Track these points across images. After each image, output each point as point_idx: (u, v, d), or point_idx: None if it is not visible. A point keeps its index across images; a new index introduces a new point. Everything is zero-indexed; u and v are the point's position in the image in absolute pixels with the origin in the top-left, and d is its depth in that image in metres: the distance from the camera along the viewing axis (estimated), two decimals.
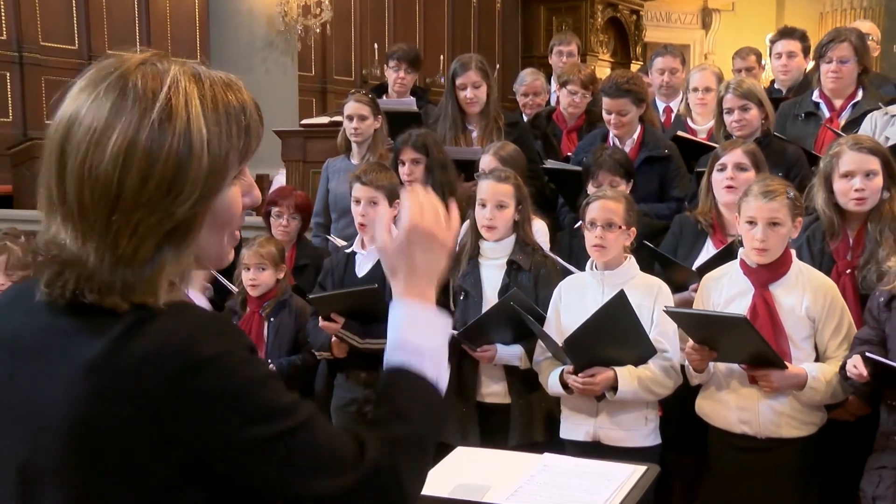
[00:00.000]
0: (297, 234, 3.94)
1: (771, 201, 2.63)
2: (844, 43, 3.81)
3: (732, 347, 2.63)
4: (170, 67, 1.02)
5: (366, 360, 3.24)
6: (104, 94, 0.99)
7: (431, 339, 1.16)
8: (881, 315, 2.57)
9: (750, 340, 2.55)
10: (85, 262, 0.98)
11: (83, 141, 0.97)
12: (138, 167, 0.96)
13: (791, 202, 2.65)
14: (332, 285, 3.35)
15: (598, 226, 2.84)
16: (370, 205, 3.26)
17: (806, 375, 2.60)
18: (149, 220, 0.97)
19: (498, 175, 3.17)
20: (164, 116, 0.97)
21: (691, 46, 12.99)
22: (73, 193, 0.98)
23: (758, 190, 2.68)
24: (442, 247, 1.20)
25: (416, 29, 10.04)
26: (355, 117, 4.06)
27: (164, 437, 0.95)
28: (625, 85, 3.79)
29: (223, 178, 1.02)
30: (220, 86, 1.04)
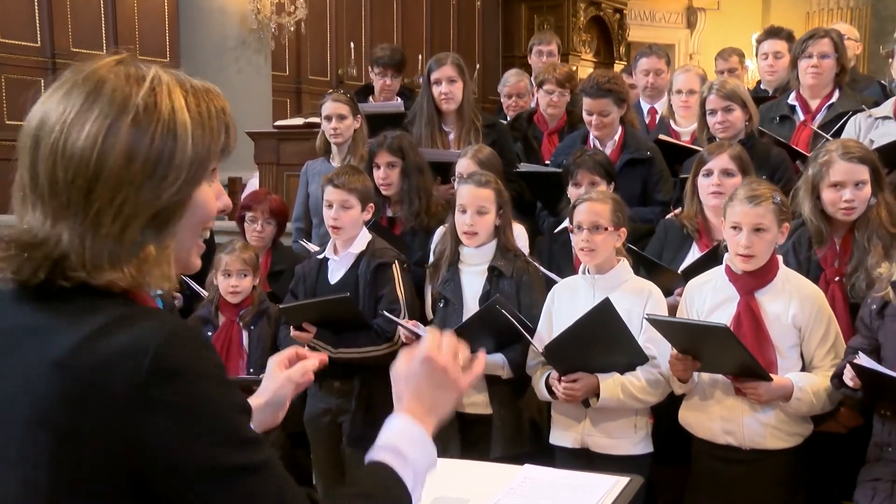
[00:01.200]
0: (273, 240, 3.92)
1: (756, 206, 2.64)
2: (825, 39, 3.85)
3: (716, 357, 2.64)
4: (149, 66, 1.06)
5: (339, 369, 3.21)
6: (81, 86, 1.02)
7: (419, 458, 1.20)
8: (873, 323, 2.59)
9: (733, 351, 2.55)
10: (56, 243, 0.99)
11: (57, 123, 1.00)
12: (122, 146, 0.99)
13: (777, 207, 2.66)
14: (304, 293, 3.34)
15: (585, 229, 2.85)
16: (343, 208, 3.25)
17: (792, 386, 2.60)
18: (135, 200, 1.00)
19: (478, 180, 3.18)
20: (148, 102, 1.01)
21: (676, 46, 13.09)
22: (44, 174, 1.00)
23: (743, 194, 2.68)
24: (453, 387, 1.26)
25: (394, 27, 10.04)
26: (334, 117, 4.05)
27: (119, 443, 0.94)
28: (606, 85, 3.81)
29: (205, 168, 1.06)
30: (200, 87, 1.08)
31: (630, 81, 5.48)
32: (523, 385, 3.02)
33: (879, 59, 8.86)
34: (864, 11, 12.11)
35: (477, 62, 10.45)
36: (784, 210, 2.69)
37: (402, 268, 3.29)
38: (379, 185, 3.68)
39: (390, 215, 3.78)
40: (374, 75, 4.95)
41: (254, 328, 3.45)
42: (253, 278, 3.47)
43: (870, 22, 11.92)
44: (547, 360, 2.85)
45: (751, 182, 2.79)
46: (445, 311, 3.16)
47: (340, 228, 3.26)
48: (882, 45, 4.31)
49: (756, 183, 2.76)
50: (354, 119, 4.07)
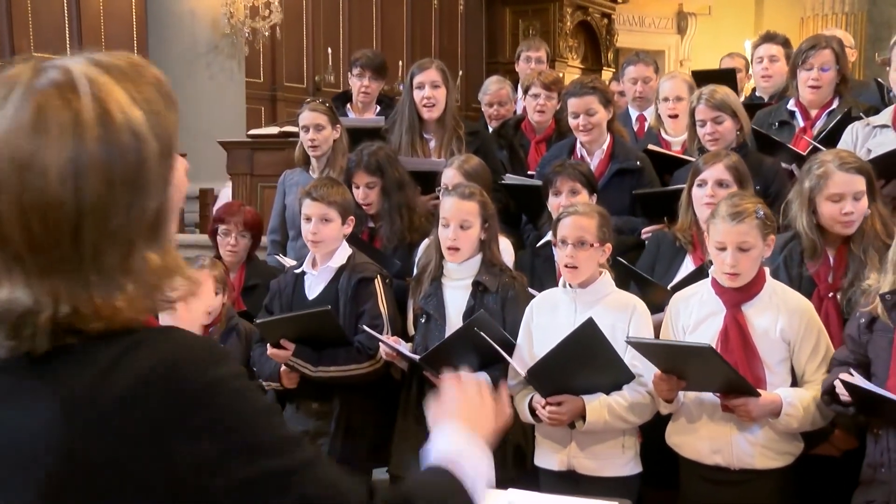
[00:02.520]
0: (247, 254, 3.92)
1: (739, 224, 2.65)
2: (826, 50, 3.89)
3: (701, 376, 2.66)
4: (70, 66, 1.00)
5: (318, 389, 3.23)
6: (19, 123, 0.95)
7: (481, 470, 1.21)
8: (863, 338, 2.61)
9: (718, 369, 2.57)
10: (54, 302, 0.95)
11: (10, 174, 0.94)
12: (96, 174, 0.95)
13: (761, 221, 2.67)
14: (280, 309, 3.34)
15: (570, 244, 2.86)
16: (322, 222, 3.26)
17: (781, 402, 2.62)
18: (127, 223, 0.98)
19: (462, 192, 3.19)
20: (99, 113, 0.97)
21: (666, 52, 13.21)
22: (17, 232, 0.95)
23: (725, 211, 2.69)
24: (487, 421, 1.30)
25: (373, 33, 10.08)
26: (311, 127, 4.05)
27: (155, 475, 0.94)
28: (590, 84, 3.88)
29: (173, 153, 1.05)
30: (127, 67, 1.03)
31: (618, 89, 5.54)
32: None
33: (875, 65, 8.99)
34: (860, 17, 12.28)
35: (460, 69, 10.50)
36: (768, 223, 2.70)
37: (385, 282, 3.31)
38: (359, 204, 3.69)
39: (372, 226, 3.79)
40: (352, 78, 4.98)
41: (222, 346, 3.43)
42: (223, 296, 3.47)
43: (865, 27, 12.10)
44: (530, 384, 2.86)
45: (732, 196, 2.80)
46: (427, 327, 3.18)
47: (320, 242, 3.27)
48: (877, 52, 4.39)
49: (738, 197, 2.76)
50: (333, 129, 4.08)
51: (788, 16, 12.84)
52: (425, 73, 4.13)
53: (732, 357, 2.66)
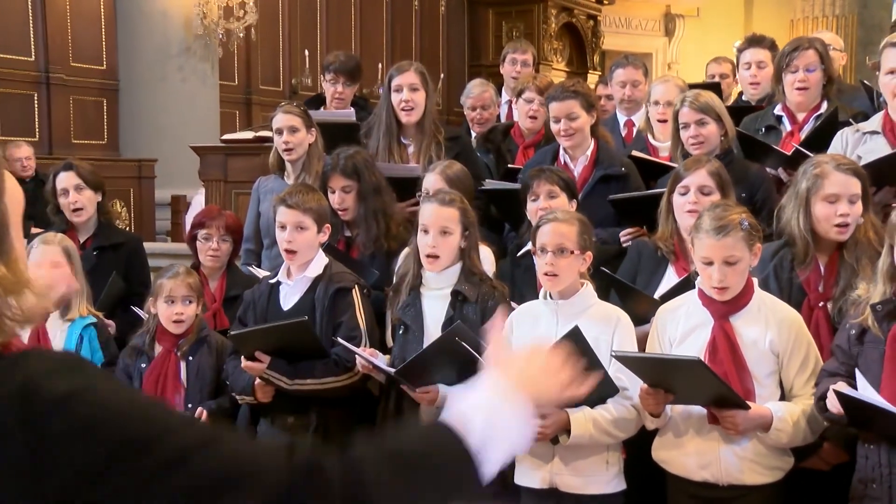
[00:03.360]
0: (228, 260, 3.91)
1: (724, 237, 2.65)
2: (810, 50, 3.93)
3: (689, 390, 2.67)
4: None
5: (294, 402, 3.22)
6: None
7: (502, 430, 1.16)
8: (852, 350, 2.62)
9: (707, 382, 2.58)
10: None
11: None
12: None
13: (747, 233, 2.68)
14: (254, 320, 3.33)
15: (549, 251, 2.86)
16: (297, 230, 3.26)
17: (771, 416, 2.63)
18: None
19: (442, 198, 3.20)
20: None
21: (653, 55, 13.30)
22: None
23: (709, 224, 2.69)
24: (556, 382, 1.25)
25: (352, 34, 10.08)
26: (285, 130, 4.05)
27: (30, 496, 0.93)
28: (572, 87, 3.89)
29: None
30: None
31: (606, 92, 5.57)
32: None
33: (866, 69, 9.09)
34: (850, 20, 12.43)
35: (441, 72, 10.52)
36: (754, 233, 2.71)
37: (363, 293, 3.30)
38: (335, 209, 3.69)
39: (348, 235, 3.79)
40: (325, 83, 4.98)
41: (192, 359, 3.42)
42: (198, 305, 3.46)
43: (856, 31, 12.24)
44: None
45: (715, 207, 2.79)
46: (405, 339, 3.17)
47: (295, 252, 3.27)
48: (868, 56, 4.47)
49: (722, 209, 2.76)
50: (308, 132, 4.08)
51: (778, 18, 12.98)
52: (403, 75, 4.13)
53: (721, 369, 2.67)
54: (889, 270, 2.57)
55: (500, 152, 4.59)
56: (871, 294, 2.62)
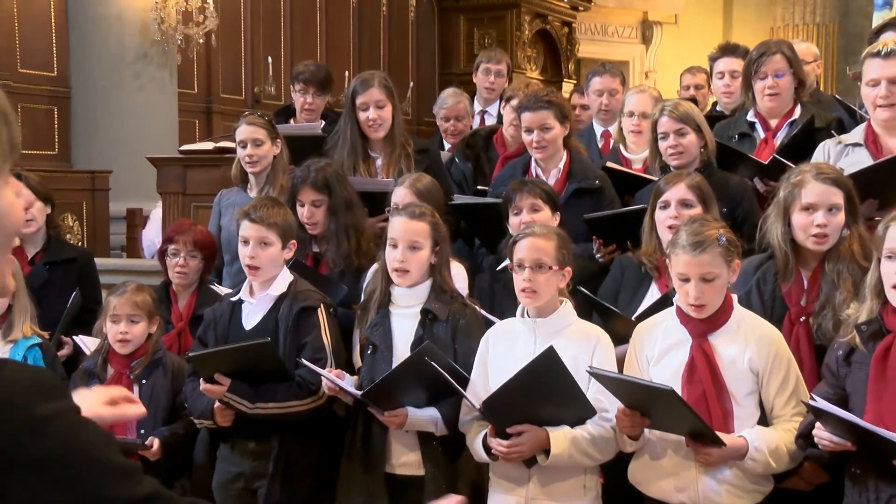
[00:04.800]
0: (199, 277, 3.89)
1: (701, 254, 2.68)
2: (777, 55, 3.99)
3: (665, 417, 2.70)
4: None
5: (255, 427, 3.21)
6: None
7: None
8: (840, 371, 2.63)
9: (681, 414, 2.60)
10: None
11: None
12: None
13: (724, 248, 2.70)
14: (215, 340, 3.31)
15: (527, 267, 2.87)
16: (261, 245, 3.25)
17: (746, 446, 2.65)
18: None
19: (412, 212, 3.20)
20: None
21: (630, 63, 13.41)
22: None
23: (686, 240, 2.71)
24: None
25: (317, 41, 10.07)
26: (249, 143, 4.05)
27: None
28: (545, 97, 3.91)
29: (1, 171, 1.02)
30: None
31: (581, 102, 5.61)
32: (460, 443, 3.04)
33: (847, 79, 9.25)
34: (832, 28, 12.63)
35: (411, 80, 10.54)
36: (732, 248, 2.74)
37: (329, 312, 3.30)
38: (304, 223, 3.68)
39: (316, 251, 3.78)
40: (294, 93, 4.97)
41: (145, 382, 3.40)
42: (148, 324, 3.43)
43: (837, 39, 12.44)
44: (485, 418, 2.86)
45: (692, 223, 2.81)
46: (373, 359, 3.16)
47: (258, 268, 3.26)
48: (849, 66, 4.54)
49: (699, 224, 2.78)
50: (273, 144, 4.08)
51: (757, 26, 13.16)
52: (368, 93, 4.11)
53: (699, 389, 2.69)
54: (877, 286, 2.59)
55: (479, 160, 4.58)
56: (859, 312, 2.63)
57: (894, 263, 2.52)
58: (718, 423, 2.68)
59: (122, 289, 3.45)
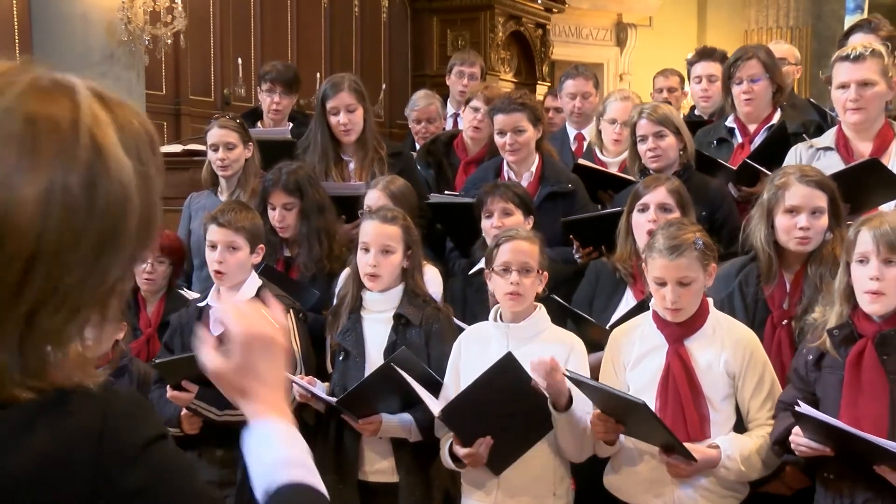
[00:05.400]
0: (167, 283, 3.87)
1: (678, 258, 2.70)
2: (752, 60, 4.05)
3: (638, 428, 2.72)
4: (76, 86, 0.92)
5: (223, 435, 3.20)
6: None
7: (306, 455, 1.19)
8: (810, 375, 2.66)
9: (653, 428, 2.63)
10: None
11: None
12: (65, 220, 0.87)
13: (701, 252, 2.73)
14: (182, 347, 3.30)
15: (514, 270, 2.88)
16: (228, 250, 3.24)
17: (719, 455, 2.66)
18: (83, 286, 0.90)
19: (384, 215, 3.21)
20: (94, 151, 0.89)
21: (605, 65, 13.46)
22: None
23: (663, 244, 2.74)
24: (281, 350, 1.24)
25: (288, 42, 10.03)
26: (220, 146, 4.04)
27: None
28: (519, 100, 3.93)
29: (154, 226, 0.98)
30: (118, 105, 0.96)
31: (555, 104, 5.64)
32: (433, 449, 3.04)
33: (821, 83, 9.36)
34: (805, 31, 12.76)
35: (383, 82, 10.52)
36: (709, 252, 2.76)
37: (298, 318, 3.29)
38: (275, 227, 3.67)
39: (288, 255, 3.77)
40: (261, 94, 4.96)
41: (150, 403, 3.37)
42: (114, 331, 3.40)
43: (810, 43, 12.57)
44: (445, 425, 2.86)
45: (669, 227, 2.84)
46: (346, 365, 3.17)
47: (225, 273, 3.25)
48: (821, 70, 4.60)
49: (675, 227, 2.81)
50: (245, 148, 4.07)
51: (732, 29, 13.27)
52: (338, 97, 4.12)
53: (676, 395, 2.71)
54: (846, 291, 2.61)
55: (441, 166, 4.60)
56: (828, 317, 2.66)
57: (865, 268, 2.55)
58: (695, 429, 2.70)
59: None
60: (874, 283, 2.51)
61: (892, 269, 2.51)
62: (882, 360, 2.54)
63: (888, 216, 2.61)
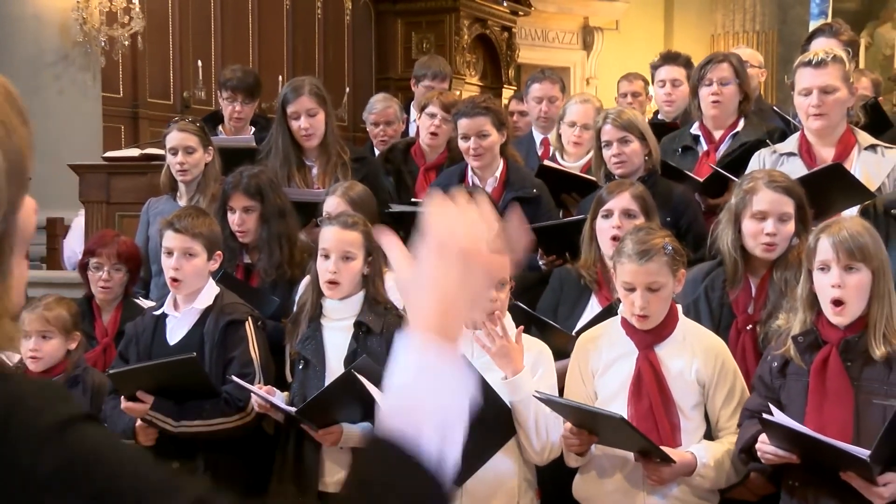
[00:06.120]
0: (124, 291, 3.84)
1: (647, 262, 2.71)
2: (724, 63, 4.11)
3: (613, 438, 2.73)
4: None
5: (180, 446, 3.17)
6: None
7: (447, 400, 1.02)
8: (775, 382, 2.68)
9: (631, 438, 2.64)
10: None
11: None
12: None
13: (670, 258, 2.74)
14: (137, 356, 3.28)
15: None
16: (185, 256, 3.22)
17: (695, 462, 2.68)
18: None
19: (344, 221, 3.20)
20: None
21: (571, 69, 13.54)
22: None
23: (632, 249, 2.75)
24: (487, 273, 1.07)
25: (249, 43, 9.99)
26: (180, 150, 4.01)
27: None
28: (483, 103, 3.94)
29: (24, 179, 1.00)
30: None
31: (520, 108, 5.66)
32: None
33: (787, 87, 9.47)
34: (770, 35, 12.94)
35: (347, 85, 10.50)
36: (678, 258, 2.78)
37: (257, 325, 3.28)
38: (234, 231, 3.66)
39: (248, 262, 3.75)
40: (222, 100, 4.94)
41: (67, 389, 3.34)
42: (65, 341, 3.37)
43: (776, 47, 12.74)
44: None
45: (638, 231, 2.85)
46: (305, 374, 3.15)
47: (181, 280, 3.23)
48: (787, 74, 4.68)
49: (644, 232, 2.82)
50: (205, 152, 4.05)
51: (698, 33, 13.42)
52: (298, 101, 4.11)
53: (646, 403, 2.73)
54: (809, 298, 2.64)
55: (400, 174, 4.59)
56: (791, 324, 2.68)
57: (827, 276, 2.58)
58: (666, 437, 2.72)
59: (35, 303, 3.39)
60: (836, 291, 2.55)
61: (852, 275, 2.55)
62: (846, 366, 2.58)
63: (847, 222, 2.65)
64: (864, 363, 2.58)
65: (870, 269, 2.56)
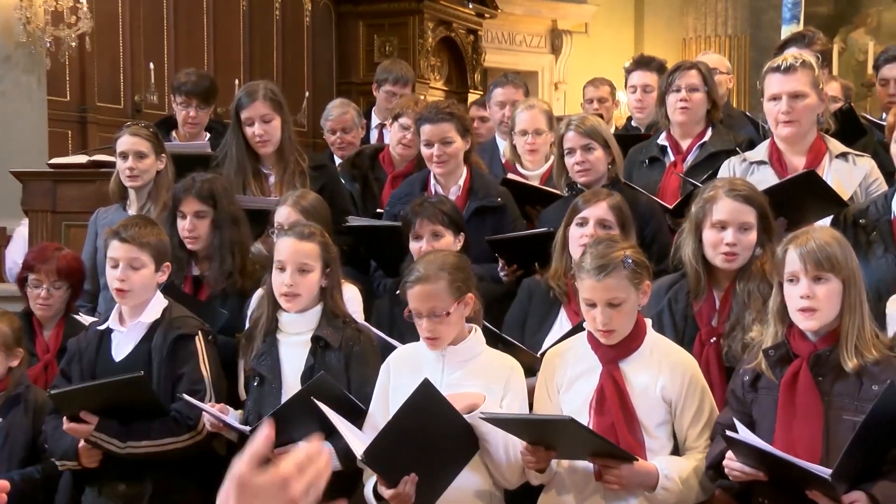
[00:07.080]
0: (65, 307, 3.81)
1: (606, 278, 2.71)
2: (692, 70, 4.18)
3: (569, 446, 2.74)
4: None
5: (126, 467, 3.14)
6: None
7: None
8: (746, 396, 2.70)
9: (585, 439, 2.65)
10: None
11: None
12: None
13: (631, 271, 2.74)
14: (80, 374, 3.24)
15: (424, 316, 2.83)
16: (131, 268, 3.19)
17: (657, 473, 2.69)
18: None
19: (300, 232, 3.19)
20: None
21: (539, 73, 13.61)
22: None
23: (590, 264, 2.74)
24: None
25: (204, 46, 9.93)
26: (131, 155, 3.99)
27: None
28: (446, 109, 3.95)
29: None
30: None
31: (481, 114, 5.67)
32: (356, 478, 3.01)
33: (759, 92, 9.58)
34: (743, 40, 13.10)
35: (306, 90, 10.47)
36: (639, 270, 2.78)
37: (207, 340, 3.25)
38: (184, 237, 3.64)
39: (196, 274, 3.72)
40: (176, 105, 4.91)
41: (3, 419, 3.32)
42: (6, 358, 3.33)
43: (748, 52, 12.90)
44: (369, 467, 2.81)
45: (598, 244, 2.85)
46: (261, 391, 3.13)
47: (127, 292, 3.19)
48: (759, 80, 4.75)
49: (604, 245, 2.82)
50: (158, 159, 4.04)
51: (669, 37, 13.55)
52: (252, 106, 4.10)
53: (608, 420, 2.73)
54: (780, 311, 2.67)
55: (367, 181, 4.59)
56: (764, 337, 2.71)
57: (796, 287, 2.60)
58: None
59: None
60: (805, 301, 2.58)
61: (822, 286, 2.58)
62: (817, 381, 2.60)
63: (815, 233, 2.67)
64: (835, 377, 2.60)
65: (840, 279, 2.58)
